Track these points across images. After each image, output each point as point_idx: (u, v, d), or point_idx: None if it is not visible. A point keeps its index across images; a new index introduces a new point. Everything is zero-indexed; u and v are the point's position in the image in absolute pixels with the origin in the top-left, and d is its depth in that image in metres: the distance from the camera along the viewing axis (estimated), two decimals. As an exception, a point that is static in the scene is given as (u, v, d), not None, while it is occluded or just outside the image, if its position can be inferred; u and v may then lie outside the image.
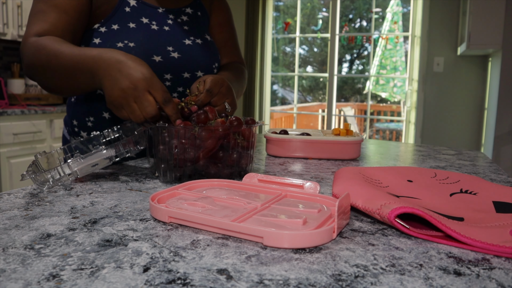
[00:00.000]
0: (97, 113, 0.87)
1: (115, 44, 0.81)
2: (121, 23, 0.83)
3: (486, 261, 0.35)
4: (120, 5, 0.84)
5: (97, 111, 0.87)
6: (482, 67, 3.24)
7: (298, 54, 4.22)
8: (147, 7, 0.87)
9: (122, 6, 0.84)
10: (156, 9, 0.88)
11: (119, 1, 0.84)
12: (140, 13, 0.86)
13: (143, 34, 0.84)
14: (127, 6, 0.85)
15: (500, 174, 0.74)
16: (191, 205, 0.44)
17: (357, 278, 0.31)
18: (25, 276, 0.30)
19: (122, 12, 0.84)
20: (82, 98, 0.89)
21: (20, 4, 2.80)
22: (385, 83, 5.00)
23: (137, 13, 0.86)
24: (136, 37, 0.83)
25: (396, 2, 4.25)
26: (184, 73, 0.89)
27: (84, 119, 0.88)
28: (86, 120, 0.88)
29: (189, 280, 0.30)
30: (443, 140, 3.38)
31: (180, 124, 0.61)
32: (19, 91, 3.01)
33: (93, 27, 0.83)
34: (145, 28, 0.85)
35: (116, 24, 0.83)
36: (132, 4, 0.86)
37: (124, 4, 0.85)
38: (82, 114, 0.89)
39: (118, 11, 0.84)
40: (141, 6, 0.87)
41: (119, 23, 0.83)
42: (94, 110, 0.87)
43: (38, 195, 0.53)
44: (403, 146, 1.13)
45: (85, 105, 0.88)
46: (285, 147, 0.87)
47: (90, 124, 0.88)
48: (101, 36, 0.82)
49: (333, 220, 0.41)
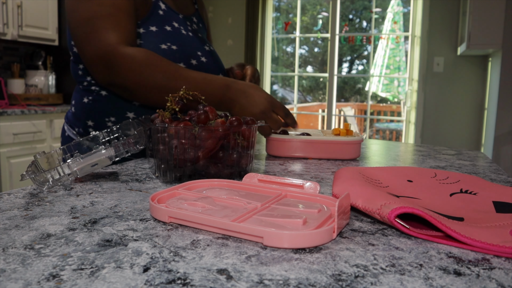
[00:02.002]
0: (120, 112, 0.86)
1: (158, 45, 0.81)
2: (158, 25, 0.84)
3: (486, 261, 0.35)
4: (154, 8, 0.85)
5: (121, 110, 0.86)
6: (482, 67, 3.24)
7: (298, 54, 4.22)
8: (173, 13, 0.89)
9: (156, 9, 0.85)
10: (178, 15, 0.90)
11: (153, 4, 0.85)
12: (170, 17, 0.87)
13: (179, 37, 0.86)
14: (159, 9, 0.86)
15: (500, 174, 0.74)
16: (191, 205, 0.44)
17: (357, 278, 0.31)
18: (25, 276, 0.30)
19: (157, 15, 0.85)
20: (102, 98, 0.88)
21: (20, 4, 2.80)
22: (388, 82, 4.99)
23: (168, 17, 0.87)
24: (175, 40, 0.84)
25: (397, 2, 4.25)
26: None
27: (103, 119, 0.87)
28: (106, 120, 0.87)
29: (189, 280, 0.30)
30: (443, 140, 3.38)
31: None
32: (19, 91, 3.01)
33: None
34: (178, 32, 0.86)
35: (153, 26, 0.83)
36: (163, 8, 0.87)
37: (157, 7, 0.86)
38: (103, 114, 0.87)
39: (154, 13, 0.85)
40: (169, 11, 0.88)
41: (157, 25, 0.84)
42: (117, 109, 0.86)
43: (38, 195, 0.53)
44: (403, 146, 1.13)
45: (107, 104, 0.87)
46: (285, 147, 0.87)
47: (111, 124, 0.86)
48: (142, 37, 0.83)
49: (333, 220, 0.41)
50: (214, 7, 4.17)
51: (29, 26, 2.92)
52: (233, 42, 4.14)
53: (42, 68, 3.19)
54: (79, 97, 0.91)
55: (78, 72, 0.90)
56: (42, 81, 3.16)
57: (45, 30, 3.07)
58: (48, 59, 3.25)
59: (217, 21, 4.17)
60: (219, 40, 4.15)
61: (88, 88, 0.89)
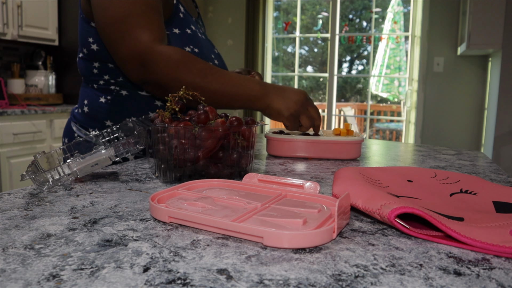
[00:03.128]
0: (142, 112, 0.86)
1: (183, 48, 0.82)
2: (180, 28, 0.85)
3: (486, 261, 0.35)
4: (176, 10, 0.86)
5: (143, 111, 0.86)
6: (482, 67, 3.24)
7: (298, 54, 4.22)
8: (190, 16, 0.90)
9: (178, 12, 0.86)
10: (192, 17, 0.92)
11: (175, 7, 0.85)
12: (188, 20, 0.88)
13: (197, 40, 0.87)
14: (180, 12, 0.87)
15: (500, 174, 0.74)
16: (191, 205, 0.44)
17: (357, 278, 0.31)
18: (25, 276, 0.30)
19: (178, 18, 0.86)
20: (122, 98, 0.87)
21: (20, 4, 2.80)
22: (389, 82, 4.99)
23: (187, 20, 0.88)
24: (195, 43, 0.85)
25: (397, 2, 4.24)
26: None
27: (124, 118, 0.86)
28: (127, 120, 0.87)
29: (189, 280, 0.30)
30: (443, 140, 3.38)
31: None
32: (19, 91, 3.01)
33: None
34: (196, 35, 0.87)
35: (176, 28, 0.84)
36: (182, 11, 0.88)
37: (178, 10, 0.86)
38: (122, 113, 0.87)
39: (176, 16, 0.85)
40: (187, 14, 0.89)
41: (179, 28, 0.84)
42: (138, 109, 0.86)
43: (38, 195, 0.53)
44: (403, 146, 1.13)
45: (128, 104, 0.87)
46: (286, 147, 0.87)
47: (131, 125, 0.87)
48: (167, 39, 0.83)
49: (333, 220, 0.41)
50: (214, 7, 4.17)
51: (29, 26, 2.92)
52: (233, 42, 4.14)
53: (42, 68, 3.19)
54: (94, 96, 0.89)
55: (92, 70, 0.88)
56: (42, 81, 3.16)
57: (45, 30, 3.07)
58: (48, 59, 3.25)
59: (217, 21, 4.17)
60: (219, 40, 4.15)
61: (106, 88, 0.88)
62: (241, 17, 4.03)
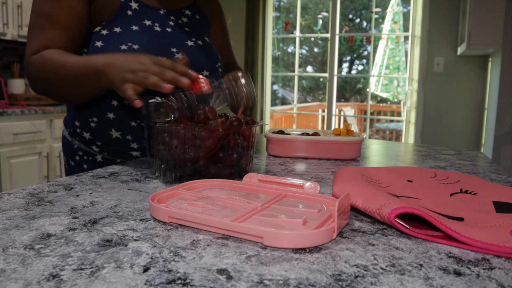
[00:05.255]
0: (101, 113, 0.87)
1: (118, 46, 0.81)
2: (123, 26, 0.83)
3: (486, 261, 0.35)
4: (121, 9, 0.85)
5: (101, 111, 0.86)
6: (482, 67, 3.24)
7: (298, 54, 4.22)
8: (149, 9, 0.88)
9: (124, 10, 0.85)
10: (158, 10, 0.89)
11: (121, 5, 0.85)
12: (142, 15, 0.86)
13: (146, 36, 0.85)
14: (129, 9, 0.85)
15: (500, 174, 0.74)
16: (191, 205, 0.44)
17: (357, 278, 0.31)
18: (25, 276, 0.30)
19: (124, 16, 0.84)
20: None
21: (20, 4, 2.80)
22: (388, 83, 4.99)
23: (140, 15, 0.86)
24: (140, 39, 0.83)
25: (397, 2, 4.25)
26: None
27: (87, 119, 0.88)
28: (89, 120, 0.88)
29: (189, 280, 0.30)
30: (443, 140, 3.38)
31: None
32: (19, 91, 3.01)
33: (93, 30, 0.83)
34: (148, 30, 0.85)
35: (118, 27, 0.83)
36: (134, 7, 0.86)
37: (126, 7, 0.85)
38: (86, 115, 0.88)
39: (120, 15, 0.84)
40: (143, 9, 0.87)
41: (122, 26, 0.83)
42: (98, 110, 0.87)
43: (38, 195, 0.53)
44: (403, 146, 1.13)
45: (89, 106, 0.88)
46: (286, 147, 0.87)
47: (93, 125, 0.87)
48: (103, 39, 0.82)
49: (333, 220, 0.41)
50: (214, 7, 4.17)
51: (29, 26, 2.92)
52: (233, 42, 4.14)
53: (42, 68, 3.19)
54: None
55: None
56: (42, 81, 3.16)
57: (45, 30, 3.06)
58: (48, 59, 3.25)
59: (217, 21, 4.16)
60: (219, 40, 4.14)
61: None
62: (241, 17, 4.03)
